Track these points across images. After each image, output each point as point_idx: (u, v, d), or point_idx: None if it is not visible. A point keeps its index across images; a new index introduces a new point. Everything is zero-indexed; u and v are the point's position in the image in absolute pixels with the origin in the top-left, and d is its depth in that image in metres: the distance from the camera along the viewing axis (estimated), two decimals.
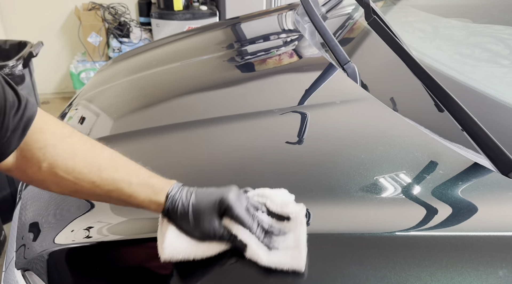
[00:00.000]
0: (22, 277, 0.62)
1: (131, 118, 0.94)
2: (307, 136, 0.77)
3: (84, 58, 3.09)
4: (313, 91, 0.93)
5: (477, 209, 0.58)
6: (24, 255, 0.64)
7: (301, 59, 1.13)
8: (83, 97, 1.15)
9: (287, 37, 1.28)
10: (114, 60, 1.45)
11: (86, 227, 0.63)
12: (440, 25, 1.18)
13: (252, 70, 1.11)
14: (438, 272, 0.49)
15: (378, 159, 0.68)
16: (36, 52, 2.16)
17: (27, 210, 0.74)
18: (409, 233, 0.55)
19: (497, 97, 0.81)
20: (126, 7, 3.10)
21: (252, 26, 1.45)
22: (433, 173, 0.65)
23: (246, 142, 0.79)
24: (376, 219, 0.58)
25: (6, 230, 1.97)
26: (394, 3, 1.39)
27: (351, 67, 0.95)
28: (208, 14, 2.98)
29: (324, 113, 0.84)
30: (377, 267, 0.50)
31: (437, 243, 0.53)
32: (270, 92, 0.96)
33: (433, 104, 0.77)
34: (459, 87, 0.84)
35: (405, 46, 0.81)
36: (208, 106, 0.92)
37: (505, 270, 0.50)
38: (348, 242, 0.54)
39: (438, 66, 0.92)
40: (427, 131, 0.74)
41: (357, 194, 0.61)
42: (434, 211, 0.58)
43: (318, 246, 0.53)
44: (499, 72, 0.95)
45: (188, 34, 1.48)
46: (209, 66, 1.16)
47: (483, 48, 1.01)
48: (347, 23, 1.31)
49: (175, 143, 0.81)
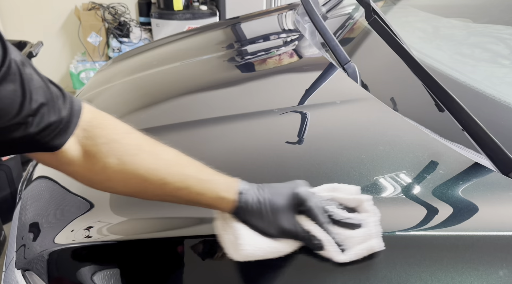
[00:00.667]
0: (22, 277, 0.62)
1: (131, 118, 0.94)
2: (307, 136, 0.77)
3: (84, 58, 3.09)
4: (314, 91, 0.93)
5: (478, 209, 0.58)
6: (24, 255, 0.64)
7: (301, 59, 1.13)
8: (83, 97, 1.15)
9: (287, 37, 1.28)
10: (114, 60, 1.45)
11: (86, 226, 0.63)
12: (440, 25, 1.18)
13: (252, 70, 1.11)
14: (438, 272, 0.49)
15: (378, 159, 0.68)
16: (36, 52, 2.16)
17: (27, 210, 0.74)
18: (409, 233, 0.55)
19: (497, 97, 0.81)
20: (126, 7, 3.09)
21: (252, 26, 1.44)
22: (434, 172, 0.65)
23: (246, 142, 0.79)
24: None
25: (6, 230, 1.97)
26: (394, 3, 1.39)
27: (351, 67, 0.95)
28: (208, 14, 2.98)
29: (324, 113, 0.84)
30: (377, 267, 0.50)
31: (437, 243, 0.53)
32: (270, 92, 0.96)
33: (434, 104, 0.77)
34: (460, 87, 0.84)
35: (405, 46, 0.80)
36: (208, 106, 0.92)
37: (505, 270, 0.50)
38: None
39: (439, 66, 0.92)
40: (428, 131, 0.74)
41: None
42: (434, 211, 0.58)
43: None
44: (499, 72, 0.95)
45: (188, 34, 1.48)
46: (209, 66, 1.16)
47: (483, 48, 1.01)
48: (347, 23, 1.30)
49: (175, 143, 0.81)
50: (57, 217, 0.67)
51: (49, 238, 0.63)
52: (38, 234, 0.66)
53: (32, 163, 1.02)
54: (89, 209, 0.66)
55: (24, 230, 0.69)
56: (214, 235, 0.53)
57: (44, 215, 0.69)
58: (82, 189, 0.74)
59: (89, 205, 0.67)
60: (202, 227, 0.59)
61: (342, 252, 0.50)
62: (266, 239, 0.50)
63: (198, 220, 0.60)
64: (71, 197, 0.70)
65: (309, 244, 0.50)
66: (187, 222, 0.61)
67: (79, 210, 0.66)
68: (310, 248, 0.51)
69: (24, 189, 0.83)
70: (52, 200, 0.71)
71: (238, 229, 0.50)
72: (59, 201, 0.70)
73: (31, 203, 0.75)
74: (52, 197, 0.72)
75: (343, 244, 0.51)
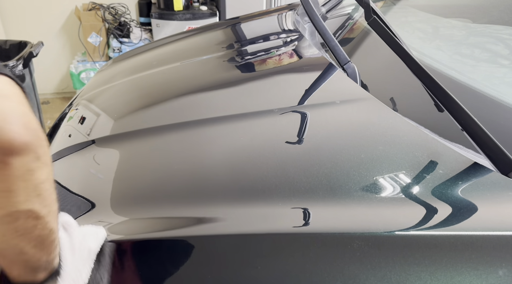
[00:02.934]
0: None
1: (131, 118, 0.95)
2: (307, 136, 0.77)
3: (84, 58, 3.09)
4: (313, 91, 0.93)
5: (477, 209, 0.58)
6: None
7: (301, 59, 1.13)
8: (83, 97, 1.15)
9: (287, 37, 1.28)
10: (114, 60, 1.46)
11: None
12: (440, 25, 1.18)
13: (252, 70, 1.11)
14: (438, 272, 0.49)
15: (378, 159, 0.68)
16: (36, 52, 2.17)
17: None
18: (409, 233, 0.55)
19: (497, 97, 0.81)
20: (126, 7, 3.10)
21: (252, 26, 1.45)
22: (433, 172, 0.65)
23: (246, 141, 0.79)
24: (376, 218, 0.58)
25: None
26: (394, 3, 1.39)
27: (351, 67, 0.95)
28: (208, 14, 2.98)
29: (324, 113, 0.84)
30: (377, 266, 0.50)
31: (437, 243, 0.53)
32: (270, 92, 0.96)
33: (433, 104, 0.78)
34: (459, 87, 0.84)
35: (405, 46, 0.81)
36: (208, 106, 0.93)
37: (505, 270, 0.50)
38: (348, 241, 0.54)
39: (438, 66, 0.92)
40: (427, 131, 0.74)
41: (357, 193, 0.61)
42: (434, 211, 0.58)
43: (318, 246, 0.53)
44: (499, 72, 0.95)
45: (188, 34, 1.48)
46: (209, 66, 1.16)
47: (483, 48, 1.01)
48: (347, 23, 1.31)
49: (175, 143, 0.82)
50: None
51: None
52: None
53: None
54: (89, 209, 0.66)
55: None
56: (214, 235, 0.53)
57: None
58: (83, 189, 0.74)
59: (90, 205, 0.67)
60: (202, 227, 0.59)
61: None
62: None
63: (198, 220, 0.60)
64: (72, 197, 0.71)
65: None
66: (187, 222, 0.61)
67: (80, 210, 0.66)
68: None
69: None
70: None
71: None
72: (59, 201, 0.70)
73: None
74: None
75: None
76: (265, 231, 0.57)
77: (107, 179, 0.75)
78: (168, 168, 0.74)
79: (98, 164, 0.81)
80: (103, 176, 0.76)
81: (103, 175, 0.77)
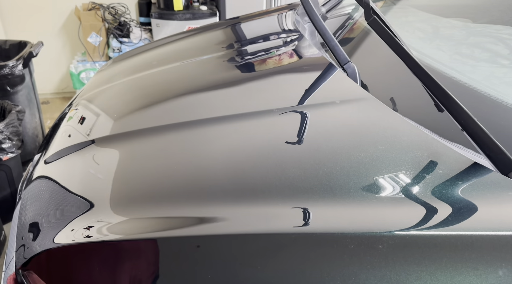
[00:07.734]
0: (22, 277, 0.62)
1: (131, 118, 0.95)
2: (307, 136, 0.77)
3: (84, 58, 3.09)
4: (313, 91, 0.93)
5: (477, 209, 0.58)
6: (24, 255, 0.64)
7: (301, 59, 1.13)
8: (83, 97, 1.15)
9: (287, 37, 1.28)
10: (114, 60, 1.45)
11: (86, 226, 0.63)
12: (440, 25, 1.18)
13: (252, 70, 1.11)
14: (438, 272, 0.49)
15: (377, 159, 0.68)
16: (36, 52, 2.17)
17: (27, 210, 0.74)
18: (409, 233, 0.55)
19: (497, 97, 0.81)
20: (126, 7, 3.10)
21: (252, 26, 1.45)
22: (433, 172, 0.65)
23: (246, 141, 0.79)
24: (376, 218, 0.58)
25: (6, 230, 1.97)
26: (394, 3, 1.39)
27: (351, 67, 0.95)
28: (208, 14, 2.98)
29: (324, 113, 0.84)
30: (377, 266, 0.50)
31: (437, 243, 0.53)
32: (270, 92, 0.96)
33: (433, 104, 0.77)
34: (459, 87, 0.84)
35: (405, 46, 0.81)
36: (208, 106, 0.93)
37: (504, 270, 0.50)
38: (348, 241, 0.54)
39: (438, 66, 0.92)
40: (427, 131, 0.74)
41: (357, 193, 0.61)
42: (434, 211, 0.58)
43: (318, 246, 0.53)
44: (499, 72, 0.95)
45: (188, 34, 1.48)
46: (209, 66, 1.16)
47: (483, 48, 1.01)
48: (347, 23, 1.31)
49: (175, 143, 0.81)
50: (57, 216, 0.67)
51: (49, 238, 0.63)
52: (38, 233, 0.66)
53: (32, 163, 1.02)
54: (89, 208, 0.66)
55: (24, 230, 0.69)
56: (214, 235, 0.53)
57: (44, 214, 0.69)
58: (82, 189, 0.74)
59: (89, 205, 0.67)
60: (202, 227, 0.59)
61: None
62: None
63: (198, 220, 0.60)
64: (71, 197, 0.70)
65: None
66: (187, 222, 0.61)
67: (79, 210, 0.66)
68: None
69: (24, 189, 0.83)
70: (52, 200, 0.71)
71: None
72: (59, 201, 0.70)
73: (31, 203, 0.75)
74: (52, 197, 0.72)
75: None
76: (265, 231, 0.57)
77: (106, 178, 0.75)
78: (168, 167, 0.74)
79: (97, 163, 0.81)
80: (102, 176, 0.76)
81: (103, 175, 0.77)
